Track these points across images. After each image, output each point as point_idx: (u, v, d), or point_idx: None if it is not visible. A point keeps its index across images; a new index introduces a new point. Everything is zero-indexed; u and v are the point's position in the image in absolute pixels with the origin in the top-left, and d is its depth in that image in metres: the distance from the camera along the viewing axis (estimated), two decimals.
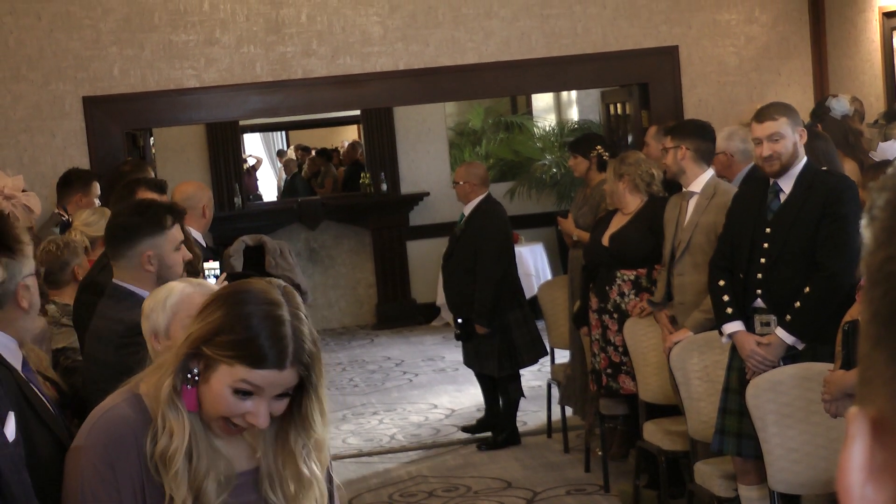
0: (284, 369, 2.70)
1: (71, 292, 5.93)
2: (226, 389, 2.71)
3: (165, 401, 2.74)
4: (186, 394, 2.75)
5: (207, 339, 2.72)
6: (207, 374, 2.73)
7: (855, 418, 0.95)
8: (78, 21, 9.27)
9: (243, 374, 2.70)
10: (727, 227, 6.28)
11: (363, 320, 15.24)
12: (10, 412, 2.82)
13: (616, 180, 7.78)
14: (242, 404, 2.72)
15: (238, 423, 2.75)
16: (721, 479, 6.23)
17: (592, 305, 7.89)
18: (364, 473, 8.90)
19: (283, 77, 9.53)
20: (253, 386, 2.70)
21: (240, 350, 2.69)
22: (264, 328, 2.69)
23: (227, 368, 2.71)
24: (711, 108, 9.87)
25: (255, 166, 18.40)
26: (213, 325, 2.72)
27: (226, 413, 2.74)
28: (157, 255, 4.46)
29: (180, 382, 2.75)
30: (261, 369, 2.69)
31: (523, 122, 16.28)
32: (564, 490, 8.17)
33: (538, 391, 10.31)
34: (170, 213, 4.56)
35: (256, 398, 2.72)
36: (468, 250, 9.18)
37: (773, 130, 5.99)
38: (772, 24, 10.03)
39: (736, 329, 6.05)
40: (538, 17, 9.77)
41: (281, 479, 2.85)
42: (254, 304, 2.73)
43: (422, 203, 15.00)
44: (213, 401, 2.73)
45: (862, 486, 0.93)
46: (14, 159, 9.16)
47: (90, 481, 2.73)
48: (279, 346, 2.69)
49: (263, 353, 2.68)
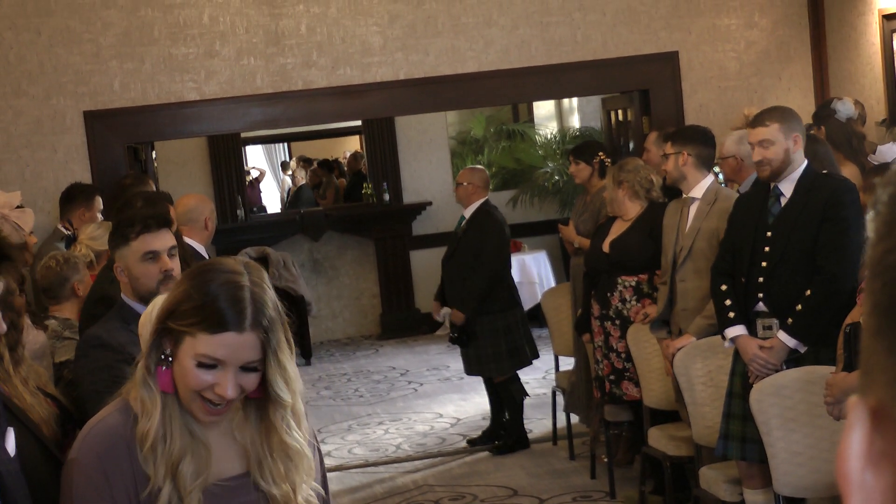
0: (244, 331, 2.73)
1: (71, 307, 5.94)
2: (190, 362, 2.75)
3: (139, 381, 2.77)
4: (161, 375, 2.78)
5: (171, 311, 2.77)
6: (176, 350, 2.77)
7: (855, 407, 0.97)
8: (78, 36, 9.29)
9: (205, 343, 2.73)
10: (729, 231, 6.28)
11: (367, 330, 15.24)
12: (9, 427, 2.83)
13: (615, 187, 7.79)
14: (208, 377, 2.74)
15: (211, 397, 2.77)
16: (726, 484, 6.23)
17: (594, 312, 7.89)
18: (370, 483, 8.90)
19: (284, 88, 9.53)
20: (215, 358, 2.73)
21: (199, 315, 2.73)
22: (222, 292, 2.73)
23: (190, 340, 2.74)
24: (712, 114, 9.88)
25: (258, 178, 18.41)
26: (176, 298, 2.78)
27: (194, 387, 2.76)
28: (124, 266, 4.48)
29: (154, 363, 2.78)
30: (220, 333, 2.72)
31: (525, 130, 16.28)
32: (570, 497, 8.17)
33: (543, 399, 10.31)
34: (140, 223, 4.52)
35: (221, 370, 2.74)
36: (469, 251, 9.24)
37: (763, 137, 6.01)
38: (772, 29, 10.03)
39: (738, 333, 6.05)
40: (538, 24, 9.78)
41: (270, 464, 2.86)
42: (214, 273, 2.79)
43: (424, 212, 15.00)
44: (183, 376, 2.76)
45: (861, 473, 0.95)
46: (16, 174, 9.17)
47: (84, 492, 2.73)
48: (237, 308, 2.73)
49: (221, 316, 2.72)
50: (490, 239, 9.23)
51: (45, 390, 3.87)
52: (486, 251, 9.21)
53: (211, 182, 14.82)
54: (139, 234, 4.47)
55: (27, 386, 3.58)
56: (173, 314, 2.76)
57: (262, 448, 2.87)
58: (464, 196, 9.40)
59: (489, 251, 9.21)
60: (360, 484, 8.88)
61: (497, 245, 9.27)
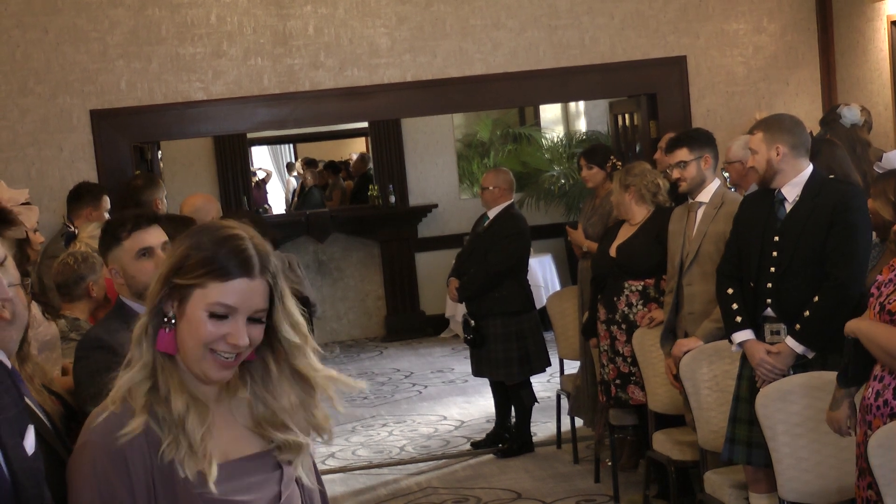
0: (254, 278, 2.76)
1: (83, 307, 5.92)
2: (202, 314, 2.75)
3: (135, 340, 2.78)
4: (164, 337, 2.78)
5: (177, 269, 2.77)
6: (183, 308, 2.77)
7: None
8: (85, 34, 9.28)
9: (217, 292, 2.74)
10: (734, 234, 6.27)
11: (372, 332, 15.23)
12: (29, 426, 2.81)
13: (622, 191, 7.78)
14: (221, 327, 2.75)
15: (222, 350, 2.77)
16: (731, 489, 6.21)
17: (601, 316, 7.88)
18: (374, 485, 8.89)
19: (291, 89, 9.52)
20: (227, 306, 2.75)
21: (209, 265, 2.74)
22: (227, 242, 2.76)
23: (201, 292, 2.75)
24: (720, 118, 9.86)
25: (264, 179, 18.41)
26: (180, 256, 2.78)
27: (207, 339, 2.75)
28: (119, 267, 4.47)
29: (155, 326, 2.78)
30: (232, 280, 2.74)
31: (531, 133, 16.27)
32: (574, 501, 8.15)
33: (548, 402, 10.29)
34: (131, 222, 4.51)
35: (232, 319, 2.75)
36: (487, 250, 9.28)
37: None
38: (780, 34, 10.02)
39: (746, 338, 6.03)
40: (546, 27, 9.76)
41: (278, 408, 2.89)
42: (213, 229, 2.81)
43: (430, 215, 14.99)
44: (194, 331, 2.76)
45: None
46: (22, 173, 9.17)
47: (102, 470, 2.71)
48: (244, 256, 2.75)
49: (231, 263, 2.75)
50: (509, 241, 9.29)
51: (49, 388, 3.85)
52: (500, 248, 9.25)
53: (217, 182, 14.83)
54: (131, 231, 4.46)
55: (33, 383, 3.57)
56: (180, 270, 2.76)
57: (270, 395, 2.89)
58: (490, 200, 9.45)
59: (502, 249, 9.26)
60: (363, 486, 8.87)
61: (514, 248, 9.32)
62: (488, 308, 9.34)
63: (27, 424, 2.78)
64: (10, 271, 3.06)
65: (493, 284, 9.31)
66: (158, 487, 2.73)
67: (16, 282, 3.07)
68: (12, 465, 2.65)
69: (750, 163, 6.16)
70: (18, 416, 2.75)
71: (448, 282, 9.66)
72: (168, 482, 2.73)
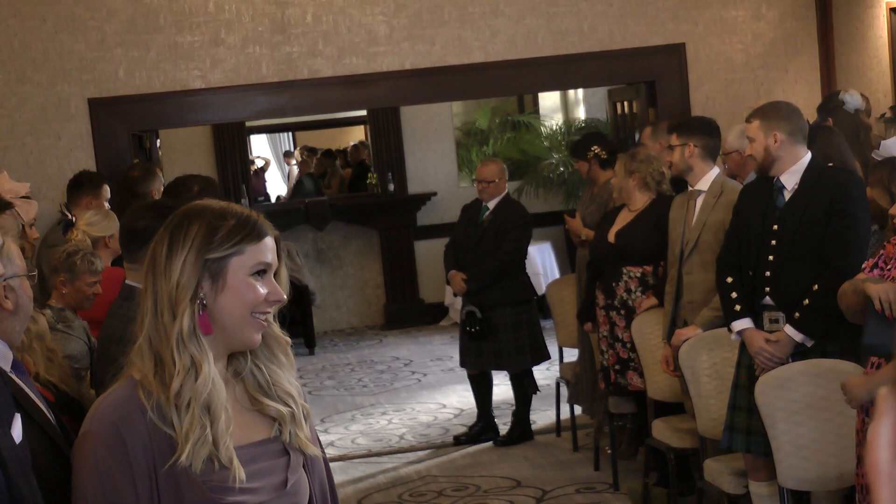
0: (271, 235, 2.85)
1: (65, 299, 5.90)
2: (247, 279, 2.79)
3: (186, 337, 2.75)
4: (201, 321, 2.78)
5: (206, 246, 2.78)
6: (222, 281, 2.78)
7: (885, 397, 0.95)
8: (83, 23, 9.26)
9: (256, 253, 2.80)
10: (734, 223, 6.27)
11: (371, 320, 15.23)
12: (16, 414, 2.80)
13: (626, 176, 7.77)
14: (263, 286, 2.81)
15: (262, 311, 2.81)
16: (731, 476, 6.22)
17: (599, 302, 7.89)
18: (373, 473, 8.89)
19: (289, 77, 9.51)
20: (267, 264, 2.81)
21: (240, 231, 2.79)
22: (234, 209, 2.84)
23: (239, 259, 2.78)
24: (719, 106, 9.85)
25: (263, 168, 18.40)
26: (203, 233, 2.79)
27: (255, 301, 2.79)
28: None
29: (196, 313, 2.77)
30: (262, 239, 2.81)
31: (530, 121, 16.26)
32: (574, 489, 8.16)
33: (547, 390, 10.30)
34: None
35: (266, 277, 2.82)
36: (496, 239, 9.27)
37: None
38: (779, 21, 10.00)
39: (745, 326, 6.04)
40: (544, 15, 9.75)
41: (265, 376, 2.90)
42: (213, 205, 2.87)
43: (429, 203, 14.99)
44: (241, 298, 2.78)
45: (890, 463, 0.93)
46: (20, 162, 9.16)
47: (103, 460, 2.71)
48: (253, 218, 2.83)
49: (257, 224, 2.82)
50: (518, 232, 9.34)
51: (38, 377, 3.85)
52: (511, 237, 9.26)
53: (215, 171, 14.81)
54: None
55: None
56: (210, 246, 2.77)
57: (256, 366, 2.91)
58: (495, 192, 9.45)
59: (513, 238, 9.27)
60: (363, 474, 8.88)
61: (522, 240, 9.36)
62: (497, 298, 9.30)
63: (13, 413, 2.77)
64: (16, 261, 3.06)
65: (505, 274, 9.28)
66: (161, 476, 2.73)
67: (21, 272, 3.07)
68: (1, 454, 2.64)
69: (748, 151, 6.16)
70: (5, 404, 2.74)
71: (449, 275, 9.58)
72: (171, 471, 2.73)
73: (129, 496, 2.72)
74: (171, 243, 2.80)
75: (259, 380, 2.90)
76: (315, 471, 2.98)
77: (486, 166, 9.65)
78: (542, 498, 8.05)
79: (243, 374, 2.89)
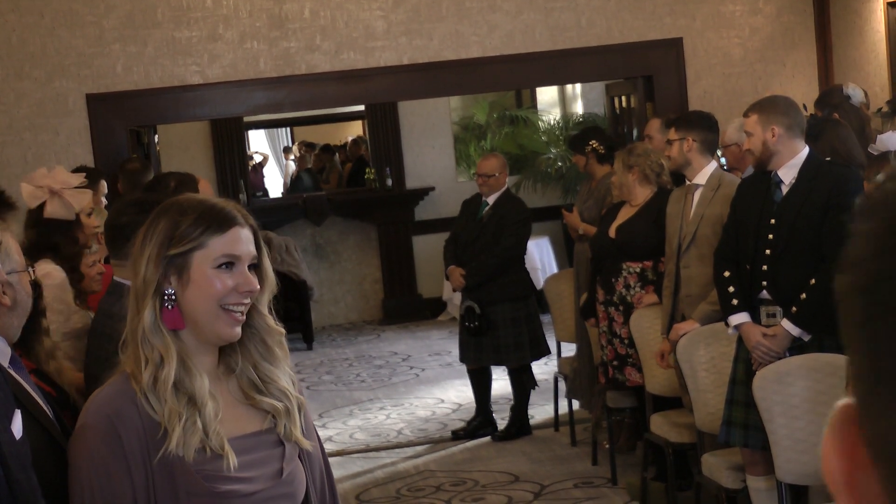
0: (244, 226, 2.85)
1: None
2: (211, 271, 2.81)
3: (148, 330, 2.79)
4: (169, 316, 2.80)
5: (168, 241, 2.80)
6: (186, 276, 2.81)
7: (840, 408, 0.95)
8: (81, 18, 9.26)
9: (219, 245, 2.80)
10: (731, 217, 6.27)
11: (369, 315, 15.23)
12: (16, 410, 2.81)
13: (625, 171, 7.76)
14: (230, 280, 2.81)
15: (234, 303, 2.82)
16: (729, 471, 6.22)
17: (599, 297, 7.88)
18: (371, 468, 8.90)
19: (287, 73, 9.51)
20: (231, 255, 2.81)
21: (202, 224, 2.80)
22: (203, 203, 2.86)
23: (202, 253, 2.80)
24: (716, 100, 9.86)
25: (261, 163, 18.39)
26: (166, 228, 2.82)
27: (220, 294, 2.80)
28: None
29: (160, 307, 2.80)
30: (228, 230, 2.81)
31: (528, 115, 16.25)
32: (572, 483, 8.16)
33: (545, 385, 10.29)
34: None
35: (238, 269, 2.82)
36: (495, 235, 9.24)
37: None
38: (776, 15, 10.01)
39: (742, 320, 6.04)
40: (542, 9, 9.75)
41: (259, 371, 2.92)
42: (182, 200, 2.89)
43: (427, 198, 14.99)
44: (205, 291, 2.80)
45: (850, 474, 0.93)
46: (18, 157, 9.16)
47: (99, 453, 2.74)
48: (226, 209, 2.84)
49: (221, 216, 2.82)
50: (518, 227, 9.27)
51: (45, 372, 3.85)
52: (510, 233, 9.21)
53: (213, 166, 14.81)
54: None
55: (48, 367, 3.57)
56: (172, 241, 2.79)
57: (250, 354, 2.92)
58: (495, 187, 9.37)
59: (513, 234, 9.22)
60: (361, 469, 8.88)
61: (523, 234, 9.30)
62: (497, 294, 9.28)
63: (13, 409, 2.78)
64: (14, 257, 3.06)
65: (505, 269, 9.25)
66: (155, 467, 2.75)
67: (20, 268, 3.07)
68: (1, 449, 2.65)
69: (746, 145, 6.16)
70: (4, 400, 2.75)
71: (447, 271, 9.56)
72: (165, 461, 2.74)
73: (126, 488, 2.74)
74: (142, 240, 2.85)
75: (253, 379, 2.91)
76: (311, 462, 3.00)
77: (487, 160, 9.57)
78: (541, 492, 8.05)
79: (237, 371, 2.91)
